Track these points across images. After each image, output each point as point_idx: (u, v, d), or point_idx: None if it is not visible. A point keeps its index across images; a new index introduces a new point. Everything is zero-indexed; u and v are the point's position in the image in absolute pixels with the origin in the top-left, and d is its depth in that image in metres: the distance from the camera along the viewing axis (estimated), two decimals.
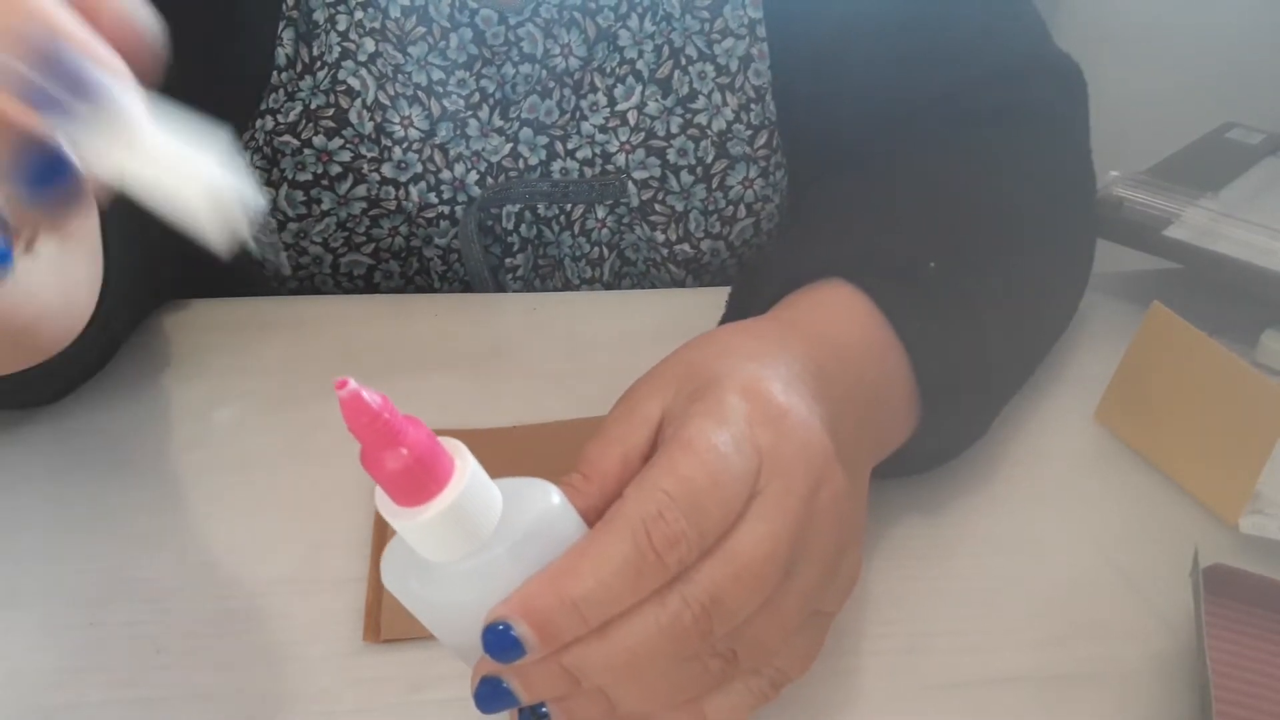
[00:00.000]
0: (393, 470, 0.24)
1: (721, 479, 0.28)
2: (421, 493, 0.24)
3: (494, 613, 0.26)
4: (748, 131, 0.55)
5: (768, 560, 0.28)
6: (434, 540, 0.25)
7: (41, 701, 0.33)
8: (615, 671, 0.27)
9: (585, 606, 0.26)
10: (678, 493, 0.27)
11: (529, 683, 0.28)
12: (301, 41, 0.50)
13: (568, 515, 0.28)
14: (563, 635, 0.26)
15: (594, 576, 0.26)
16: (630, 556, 0.26)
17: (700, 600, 0.27)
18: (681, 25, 0.53)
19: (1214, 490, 0.44)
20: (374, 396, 0.23)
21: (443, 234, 0.54)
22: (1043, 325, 0.49)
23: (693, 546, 0.27)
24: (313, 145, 0.51)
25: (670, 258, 0.57)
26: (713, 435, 0.29)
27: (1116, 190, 0.59)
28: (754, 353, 0.33)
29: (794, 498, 0.29)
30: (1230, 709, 0.35)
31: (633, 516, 0.27)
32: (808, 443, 0.30)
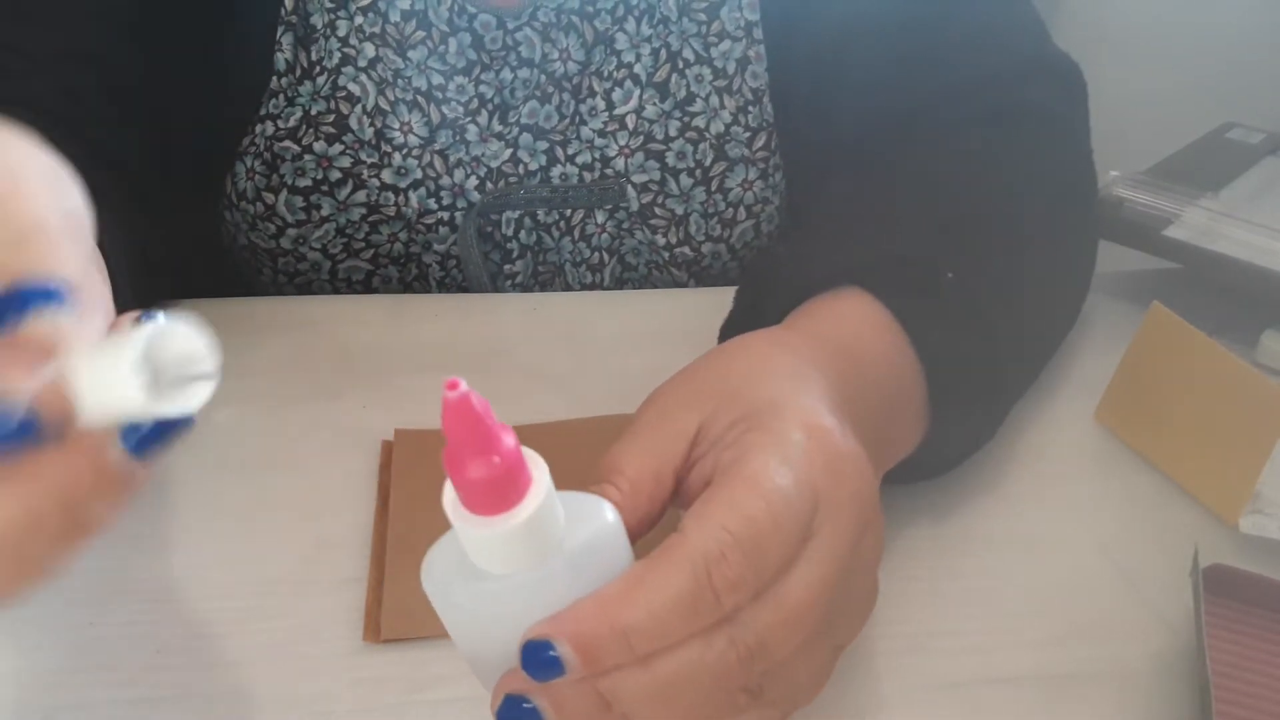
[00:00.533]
0: (479, 478, 0.23)
1: (784, 524, 0.28)
2: (501, 503, 0.24)
3: (538, 629, 0.26)
4: (746, 134, 0.55)
5: (814, 606, 0.28)
6: (500, 552, 0.25)
7: (41, 701, 0.33)
8: (651, 702, 0.27)
9: (635, 636, 0.26)
10: (742, 534, 0.27)
11: (559, 704, 0.27)
12: (300, 46, 0.50)
13: (620, 534, 0.27)
14: (606, 662, 0.26)
15: (648, 608, 0.26)
16: (688, 593, 0.26)
17: (748, 643, 0.27)
18: (679, 28, 0.53)
19: (1214, 490, 0.44)
20: (480, 401, 0.23)
21: (442, 240, 0.54)
22: (1049, 329, 0.49)
23: (749, 590, 0.27)
24: (313, 151, 0.51)
25: (671, 260, 0.57)
26: (776, 475, 0.28)
27: (1116, 190, 0.59)
28: (795, 372, 0.33)
29: (843, 543, 0.29)
30: (1230, 709, 0.35)
31: (695, 553, 0.26)
32: (860, 491, 0.30)
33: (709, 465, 0.30)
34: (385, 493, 0.42)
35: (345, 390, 0.47)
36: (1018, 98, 0.52)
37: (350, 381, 0.47)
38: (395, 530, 0.40)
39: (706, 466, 0.30)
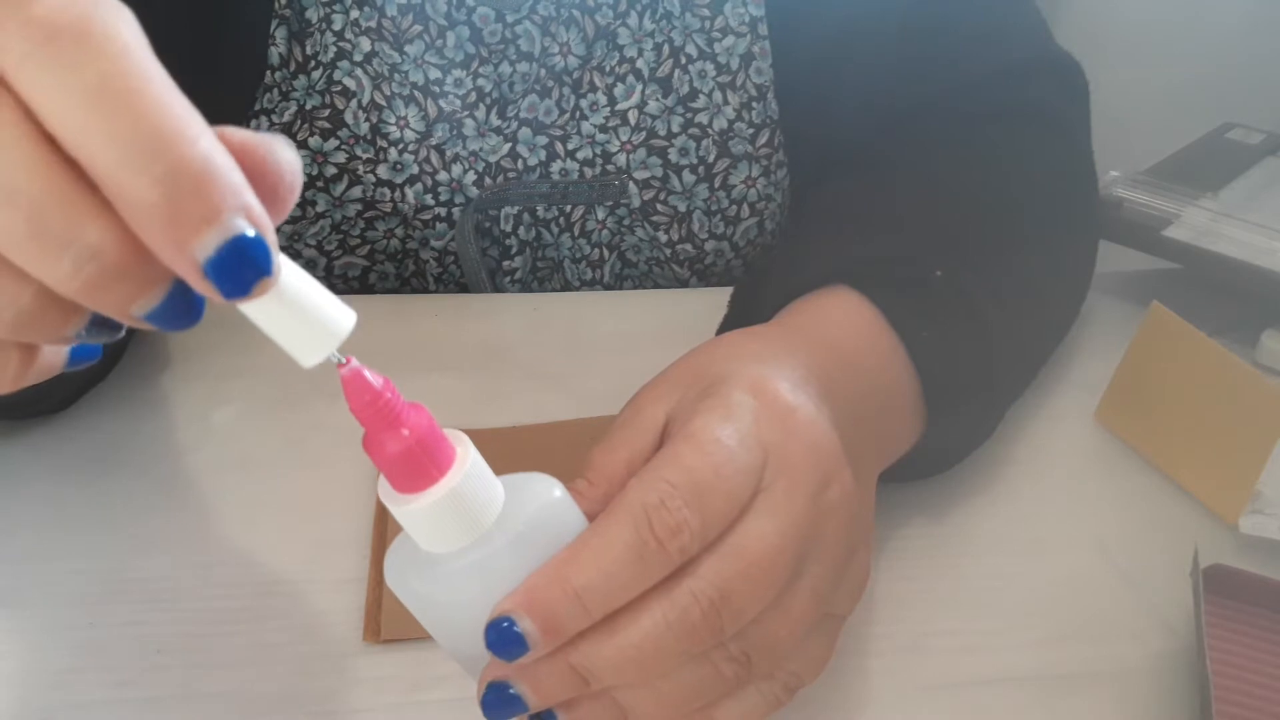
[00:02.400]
0: (393, 453, 0.24)
1: (724, 470, 0.28)
2: (423, 478, 0.24)
3: (498, 608, 0.26)
4: (749, 130, 0.55)
5: (776, 556, 0.28)
6: (434, 528, 0.25)
7: (41, 701, 0.33)
8: (624, 670, 0.27)
9: (587, 596, 0.26)
10: (680, 481, 0.27)
11: (537, 684, 0.27)
12: (294, 40, 0.50)
13: (569, 509, 0.27)
14: (566, 627, 0.26)
15: (595, 565, 0.26)
16: (632, 544, 0.26)
17: (708, 595, 0.27)
18: (682, 23, 0.53)
19: (1214, 490, 0.44)
20: (376, 378, 0.23)
21: (439, 236, 0.54)
22: (1047, 328, 0.49)
23: (695, 535, 0.27)
24: (308, 146, 0.51)
25: (673, 258, 0.57)
26: (717, 429, 0.28)
27: (1116, 190, 0.59)
28: (760, 355, 0.33)
29: (801, 495, 0.29)
30: (1230, 709, 0.35)
31: (634, 504, 0.27)
32: (815, 441, 0.30)
33: None
34: None
35: None
36: (1019, 96, 0.52)
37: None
38: (395, 531, 0.39)
39: None
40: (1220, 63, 1.12)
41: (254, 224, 0.19)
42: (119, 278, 0.19)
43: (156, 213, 0.18)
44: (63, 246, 0.19)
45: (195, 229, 0.19)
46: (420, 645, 0.36)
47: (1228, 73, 1.10)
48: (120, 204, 0.19)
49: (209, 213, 0.19)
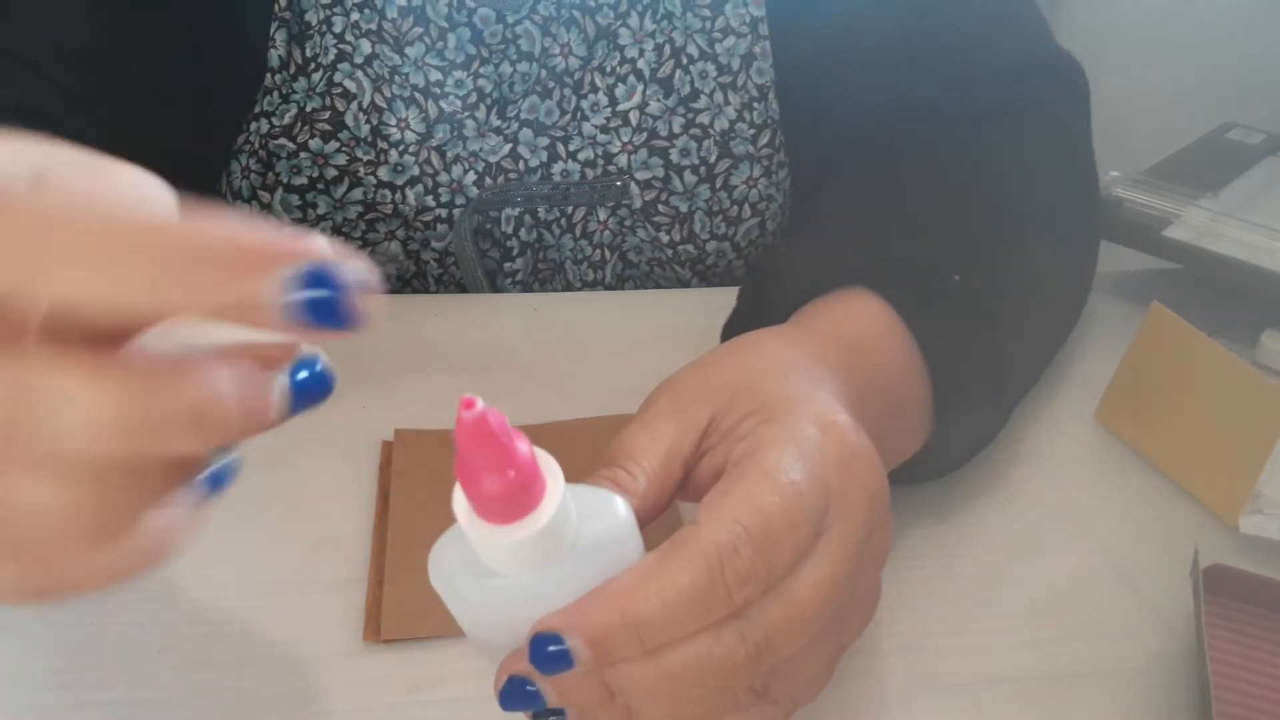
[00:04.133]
0: (492, 492, 0.23)
1: (796, 519, 0.28)
2: (514, 512, 0.23)
3: (548, 621, 0.26)
4: (751, 131, 0.55)
5: (824, 605, 0.28)
6: (513, 557, 0.25)
7: (41, 701, 0.33)
8: (657, 694, 0.27)
9: (645, 630, 0.26)
10: (755, 528, 0.27)
11: (563, 690, 0.27)
12: (294, 43, 0.50)
13: (632, 527, 0.27)
14: (616, 655, 0.26)
15: (660, 601, 0.26)
16: (700, 585, 0.26)
17: (755, 639, 0.27)
18: (683, 24, 0.53)
19: (1214, 490, 0.44)
20: (496, 418, 0.22)
21: (440, 237, 0.54)
22: (1052, 329, 0.49)
23: (760, 585, 0.27)
24: (308, 148, 0.51)
25: (675, 258, 0.57)
26: (790, 470, 0.28)
27: (1116, 190, 0.59)
28: (807, 369, 0.33)
29: (853, 542, 0.29)
30: (1230, 709, 0.35)
31: (709, 547, 0.26)
32: (872, 489, 0.30)
33: (720, 457, 0.30)
34: (385, 493, 0.42)
35: (345, 390, 0.46)
36: (1020, 97, 0.52)
37: (350, 381, 0.47)
38: (395, 530, 0.40)
39: (717, 458, 0.30)
40: (1220, 63, 1.12)
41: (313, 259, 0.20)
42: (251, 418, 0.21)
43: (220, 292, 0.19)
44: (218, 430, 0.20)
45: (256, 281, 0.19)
46: (420, 645, 0.36)
47: (1228, 73, 1.10)
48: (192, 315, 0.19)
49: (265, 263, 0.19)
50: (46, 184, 0.20)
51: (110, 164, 0.21)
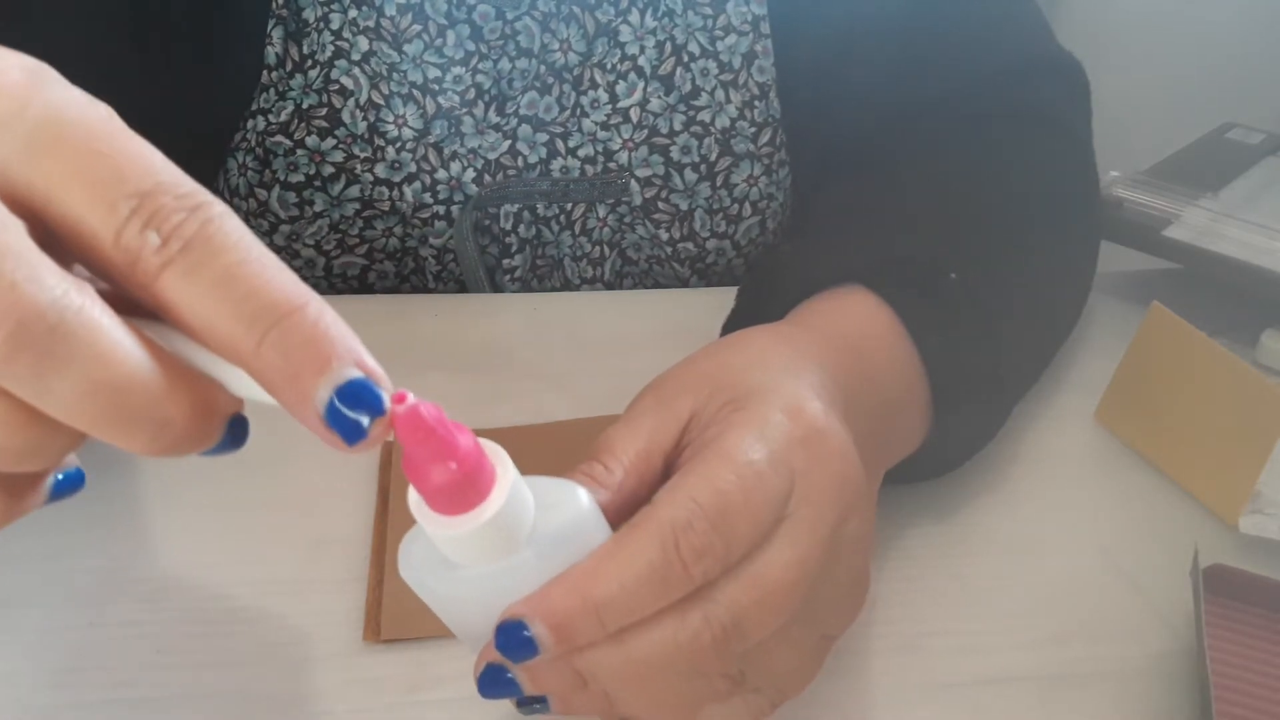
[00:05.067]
0: (438, 484, 0.23)
1: (754, 496, 0.27)
2: (463, 504, 0.24)
3: (511, 610, 0.26)
4: (751, 129, 0.55)
5: (792, 588, 0.28)
6: (468, 548, 0.25)
7: (41, 701, 0.33)
8: (626, 680, 0.27)
9: (606, 612, 0.26)
10: (710, 504, 0.27)
11: (536, 677, 0.28)
12: (291, 40, 0.50)
13: (595, 518, 0.27)
14: (579, 639, 0.26)
15: (617, 581, 0.26)
16: (656, 564, 0.26)
17: (722, 621, 0.27)
18: (684, 21, 0.53)
19: (1214, 490, 0.44)
20: (430, 410, 0.23)
21: (438, 234, 0.54)
22: (1052, 330, 0.49)
23: (718, 560, 0.27)
24: (305, 145, 0.51)
25: (674, 256, 0.57)
26: (751, 450, 0.28)
27: (1116, 190, 0.59)
28: (790, 364, 0.33)
29: (823, 526, 0.29)
30: (1230, 709, 0.35)
31: (664, 523, 0.26)
32: (842, 472, 0.30)
33: (696, 448, 0.30)
34: (385, 493, 0.41)
35: None
36: (1021, 97, 0.52)
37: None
38: (395, 530, 0.39)
39: (694, 450, 0.30)
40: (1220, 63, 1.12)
41: (365, 371, 0.22)
42: (185, 438, 0.22)
43: (278, 371, 0.21)
44: (140, 423, 0.21)
45: (311, 380, 0.21)
46: (420, 645, 0.36)
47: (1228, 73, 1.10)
48: (251, 368, 0.21)
49: (321, 364, 0.21)
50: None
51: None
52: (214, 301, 0.21)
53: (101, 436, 0.21)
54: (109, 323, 0.20)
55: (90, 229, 0.21)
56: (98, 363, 0.20)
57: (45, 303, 0.19)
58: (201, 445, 0.22)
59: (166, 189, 0.21)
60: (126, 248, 0.21)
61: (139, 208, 0.21)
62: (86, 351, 0.20)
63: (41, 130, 0.21)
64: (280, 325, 0.21)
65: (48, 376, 0.20)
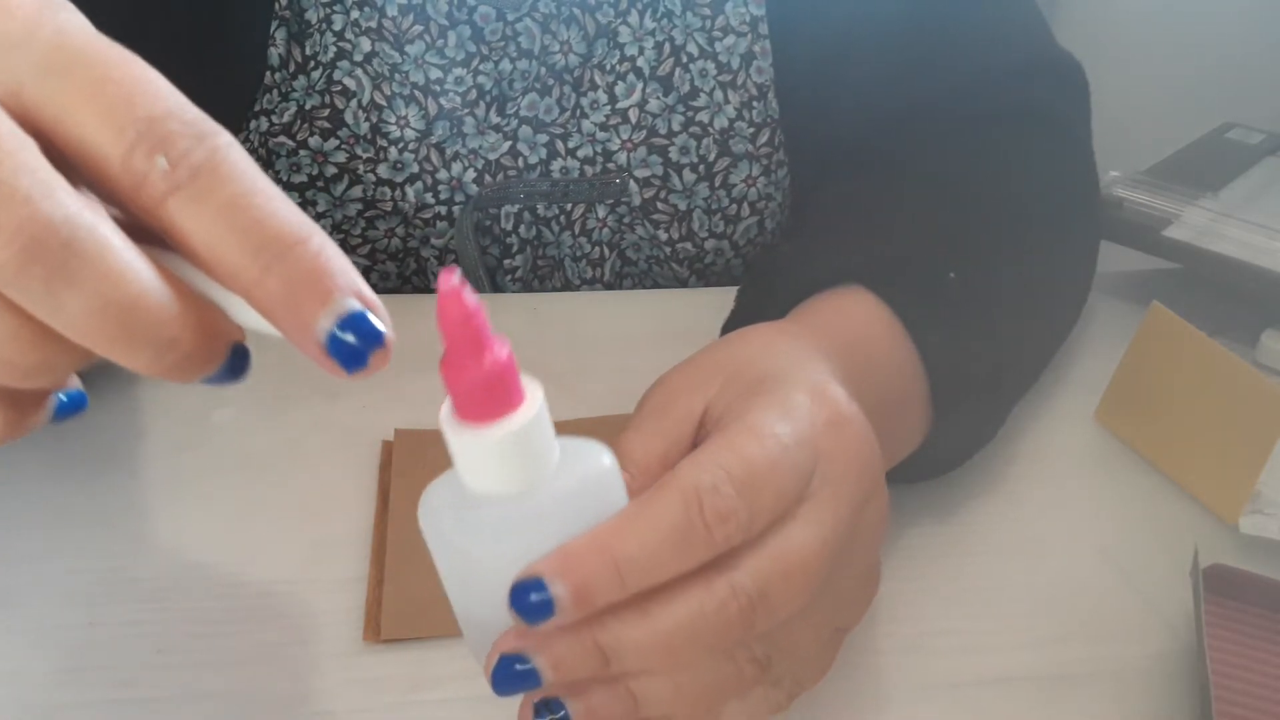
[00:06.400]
0: (473, 378, 0.23)
1: (780, 468, 0.27)
2: (493, 411, 0.24)
3: (530, 569, 0.25)
4: (750, 129, 0.55)
5: (816, 564, 0.27)
6: (490, 466, 0.24)
7: (41, 701, 0.33)
8: (651, 656, 0.26)
9: (626, 568, 0.25)
10: (735, 469, 0.26)
11: (556, 659, 0.26)
12: (294, 41, 0.50)
13: (617, 480, 0.27)
14: (598, 597, 0.25)
15: (638, 538, 0.25)
16: (679, 523, 0.25)
17: (748, 591, 0.26)
18: (682, 22, 0.53)
19: (1214, 490, 0.44)
20: (472, 298, 0.23)
21: (440, 234, 0.54)
22: (1051, 329, 0.49)
23: (741, 526, 0.26)
24: (308, 146, 0.51)
25: (673, 256, 0.57)
26: (776, 425, 0.28)
27: (1116, 190, 0.59)
28: (799, 354, 0.33)
29: (845, 507, 0.29)
30: (1230, 709, 0.35)
31: (687, 484, 0.26)
32: (865, 458, 0.30)
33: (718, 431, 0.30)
34: (385, 493, 0.41)
35: (345, 390, 0.47)
36: (1020, 97, 0.52)
37: (350, 382, 0.47)
38: (395, 530, 0.39)
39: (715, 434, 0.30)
40: (1220, 63, 1.12)
41: (364, 304, 0.22)
42: (188, 360, 0.22)
43: (281, 301, 0.21)
44: (146, 342, 0.21)
45: (312, 311, 0.21)
46: (420, 645, 0.36)
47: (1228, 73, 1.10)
48: (253, 297, 0.22)
49: (322, 295, 0.21)
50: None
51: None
52: (219, 230, 0.21)
53: (108, 354, 0.21)
54: (120, 242, 0.21)
55: (99, 151, 0.21)
56: (107, 280, 0.20)
57: (59, 218, 0.20)
58: (204, 369, 0.22)
59: (175, 115, 0.21)
60: (133, 170, 0.21)
61: (147, 132, 0.21)
62: (97, 268, 0.20)
63: (53, 52, 0.21)
64: (284, 256, 0.21)
65: (59, 292, 0.20)
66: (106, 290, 0.20)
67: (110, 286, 0.20)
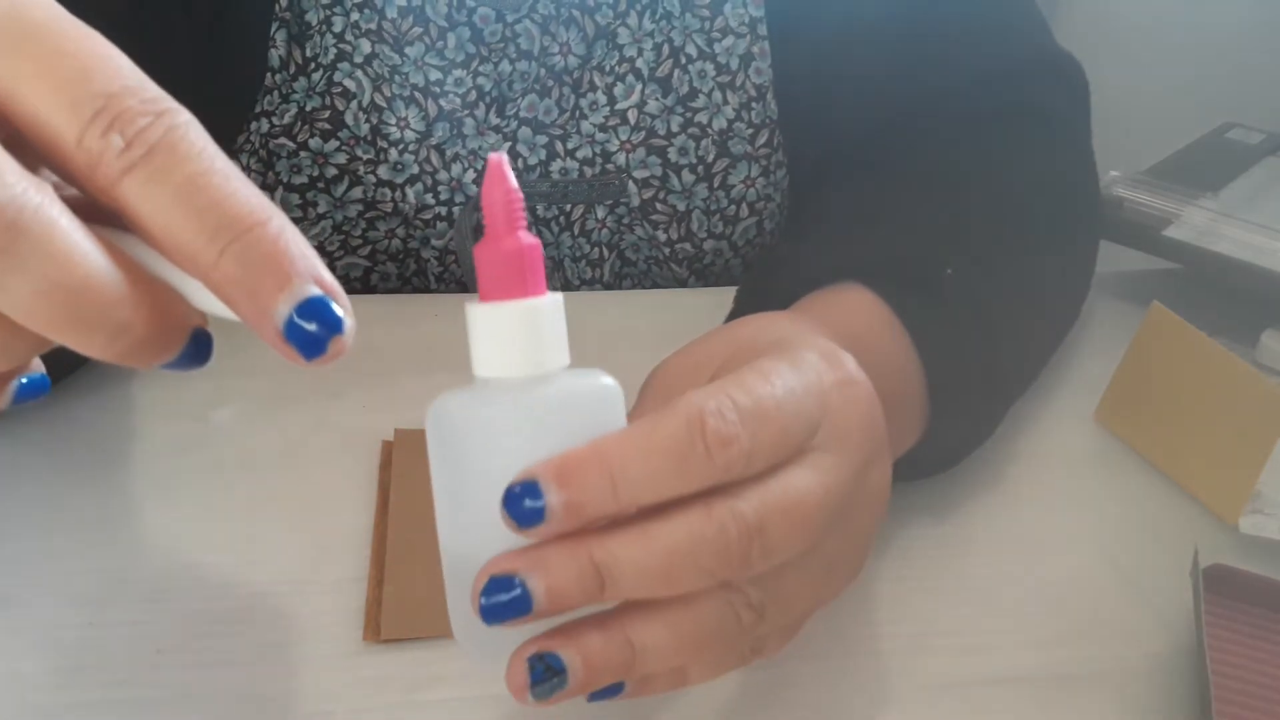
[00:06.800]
0: (504, 250, 0.25)
1: (785, 408, 0.27)
2: (512, 290, 0.25)
3: (525, 472, 0.25)
4: (749, 130, 0.55)
5: (816, 510, 0.27)
6: (502, 343, 0.26)
7: (41, 701, 0.33)
8: (648, 576, 0.25)
9: (620, 478, 0.25)
10: (742, 401, 0.26)
11: (550, 578, 0.25)
12: (294, 43, 0.50)
13: (619, 402, 0.27)
14: (589, 505, 0.25)
15: (636, 450, 0.25)
16: (680, 440, 0.25)
17: (748, 519, 0.26)
18: (681, 23, 0.53)
19: (1214, 490, 0.44)
20: (515, 183, 0.25)
21: (440, 235, 0.54)
22: (1049, 328, 0.49)
23: (742, 454, 0.26)
24: (308, 148, 0.51)
25: (672, 256, 0.58)
26: (786, 372, 0.28)
27: (1116, 190, 0.59)
28: (799, 328, 0.33)
29: (849, 465, 0.28)
30: (1230, 709, 0.35)
31: (692, 405, 0.26)
32: (872, 420, 0.30)
33: None
34: (385, 493, 0.41)
35: (345, 390, 0.47)
36: (1020, 97, 0.52)
37: (350, 381, 0.47)
38: (395, 530, 0.40)
39: None
40: (1220, 63, 1.12)
41: (324, 290, 0.22)
42: (143, 345, 0.22)
43: (238, 285, 0.21)
44: (97, 326, 0.21)
45: (270, 296, 0.21)
46: (420, 645, 0.36)
47: (1228, 73, 1.10)
48: (210, 281, 0.21)
49: (280, 280, 0.21)
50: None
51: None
52: (175, 210, 0.21)
53: (58, 339, 0.21)
54: (67, 223, 0.20)
55: (53, 129, 0.20)
56: (52, 262, 0.20)
57: (3, 199, 0.19)
58: (161, 355, 0.22)
59: (133, 92, 0.21)
60: (89, 149, 0.20)
61: (103, 109, 0.20)
62: (43, 250, 0.20)
63: (7, 25, 0.20)
64: (241, 239, 0.21)
65: (3, 274, 0.20)
66: (52, 273, 0.20)
67: (56, 269, 0.20)
